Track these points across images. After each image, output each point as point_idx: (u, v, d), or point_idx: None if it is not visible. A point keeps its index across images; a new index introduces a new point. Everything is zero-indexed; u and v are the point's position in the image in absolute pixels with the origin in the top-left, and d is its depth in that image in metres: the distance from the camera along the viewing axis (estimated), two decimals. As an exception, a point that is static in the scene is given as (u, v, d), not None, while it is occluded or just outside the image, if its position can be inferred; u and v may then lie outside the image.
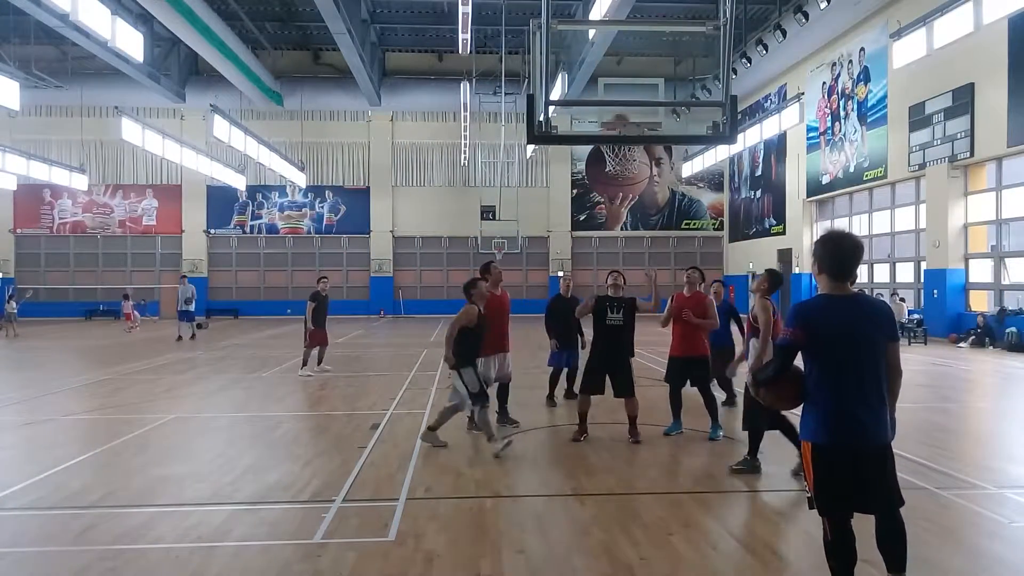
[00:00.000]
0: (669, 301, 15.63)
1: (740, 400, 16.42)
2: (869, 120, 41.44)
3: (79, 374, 24.53)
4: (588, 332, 16.33)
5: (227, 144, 40.55)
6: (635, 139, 52.51)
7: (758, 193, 56.33)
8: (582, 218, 62.58)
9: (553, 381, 18.47)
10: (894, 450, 7.02)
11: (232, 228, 61.43)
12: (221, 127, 38.68)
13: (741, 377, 14.05)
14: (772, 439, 13.60)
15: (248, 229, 61.40)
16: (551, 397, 18.26)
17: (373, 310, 60.68)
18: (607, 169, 62.40)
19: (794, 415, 7.13)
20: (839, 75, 44.28)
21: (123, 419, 16.59)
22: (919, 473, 11.83)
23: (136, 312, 47.84)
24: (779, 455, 12.78)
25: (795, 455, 11.81)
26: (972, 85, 33.89)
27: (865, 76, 41.70)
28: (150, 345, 35.08)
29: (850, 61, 43.02)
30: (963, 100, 34.39)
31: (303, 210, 61.56)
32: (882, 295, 38.53)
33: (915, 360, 27.57)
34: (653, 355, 28.08)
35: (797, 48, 44.02)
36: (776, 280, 13.58)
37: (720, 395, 17.87)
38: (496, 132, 56.25)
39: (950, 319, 35.77)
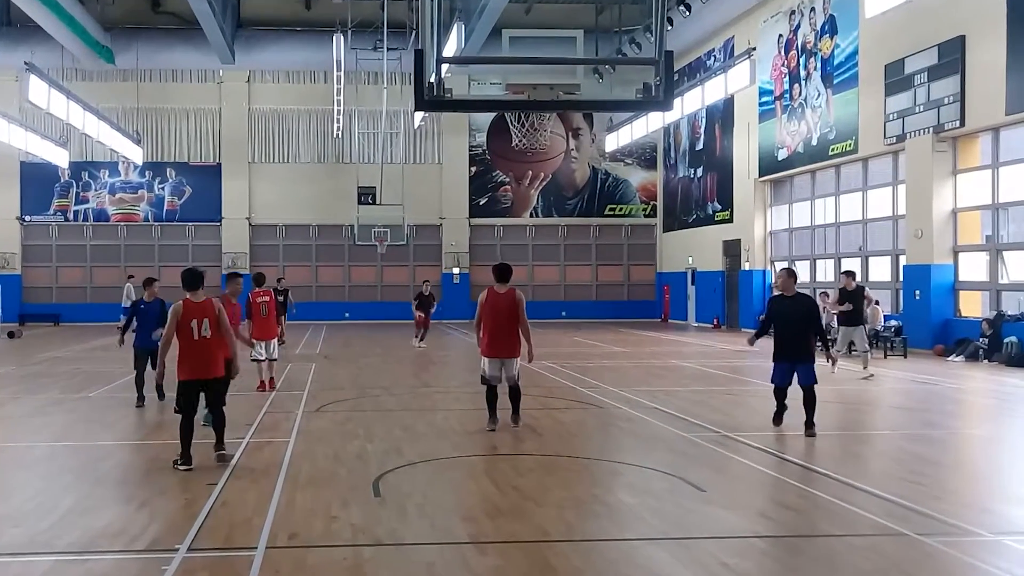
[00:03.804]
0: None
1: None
2: (836, 82, 41.51)
3: None
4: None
5: (45, 111, 40.38)
6: (547, 105, 51.24)
7: (699, 171, 56.76)
8: (482, 202, 63.39)
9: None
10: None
11: (52, 214, 61.04)
12: (38, 90, 38.16)
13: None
14: (721, 475, 14.54)
15: (72, 216, 61.29)
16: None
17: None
18: (513, 142, 63.03)
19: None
20: (799, 26, 44.57)
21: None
22: (896, 516, 11.79)
23: None
24: (731, 494, 13.37)
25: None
26: (963, 39, 33.79)
27: (831, 27, 41.89)
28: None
29: (812, 9, 43.40)
30: (952, 57, 34.21)
31: (139, 192, 61.63)
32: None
33: (893, 377, 27.95)
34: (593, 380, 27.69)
35: (747, -8, 44.33)
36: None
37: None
38: (377, 96, 55.39)
39: (935, 326, 35.89)
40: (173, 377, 15.19)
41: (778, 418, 17.90)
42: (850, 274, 28.61)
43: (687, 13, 44.12)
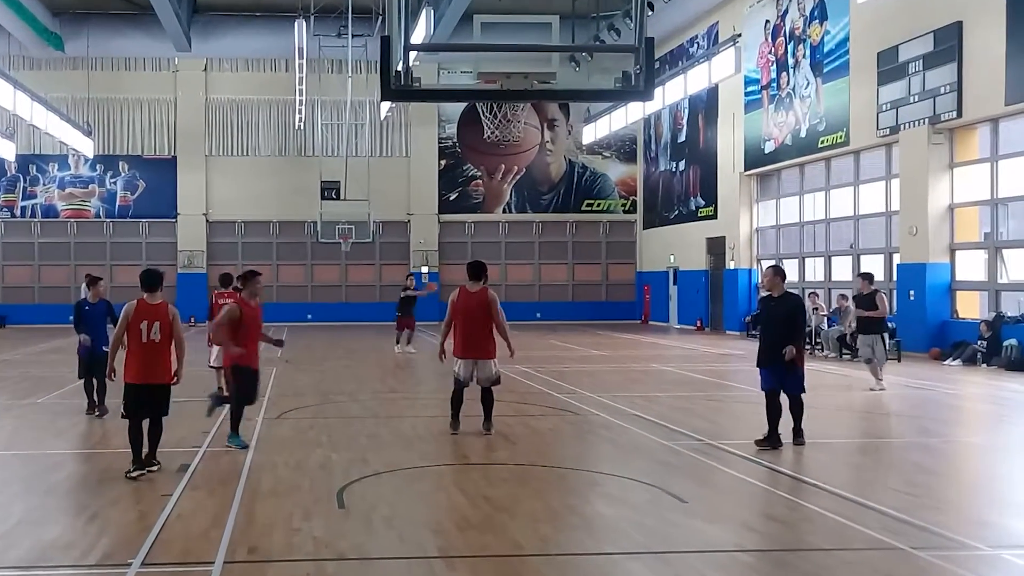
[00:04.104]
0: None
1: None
2: (826, 70, 41.45)
3: None
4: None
5: (-9, 102, 40.41)
6: (521, 95, 51.17)
7: (681, 165, 56.61)
8: (452, 197, 63.21)
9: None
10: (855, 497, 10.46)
11: (-2, 210, 60.87)
12: (-16, 79, 38.46)
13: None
14: (705, 486, 14.49)
15: (19, 212, 60.97)
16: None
17: (182, 316, 58.99)
18: (485, 134, 62.68)
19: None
20: (786, 11, 44.63)
21: None
22: (890, 528, 11.72)
23: None
24: (715, 506, 13.36)
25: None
26: (960, 24, 33.65)
27: (820, 13, 41.88)
28: None
29: (801, -7, 42.60)
30: (948, 44, 34.08)
31: (90, 187, 61.45)
32: (845, 296, 37.87)
33: (887, 382, 27.44)
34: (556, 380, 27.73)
35: (732, -24, 44.18)
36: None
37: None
38: (341, 86, 55.46)
39: (931, 328, 35.81)
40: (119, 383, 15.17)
41: (770, 440, 16.81)
42: (867, 276, 27.47)
43: (669, -3, 43.52)
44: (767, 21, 45.93)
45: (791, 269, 46.16)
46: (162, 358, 14.86)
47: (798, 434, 16.92)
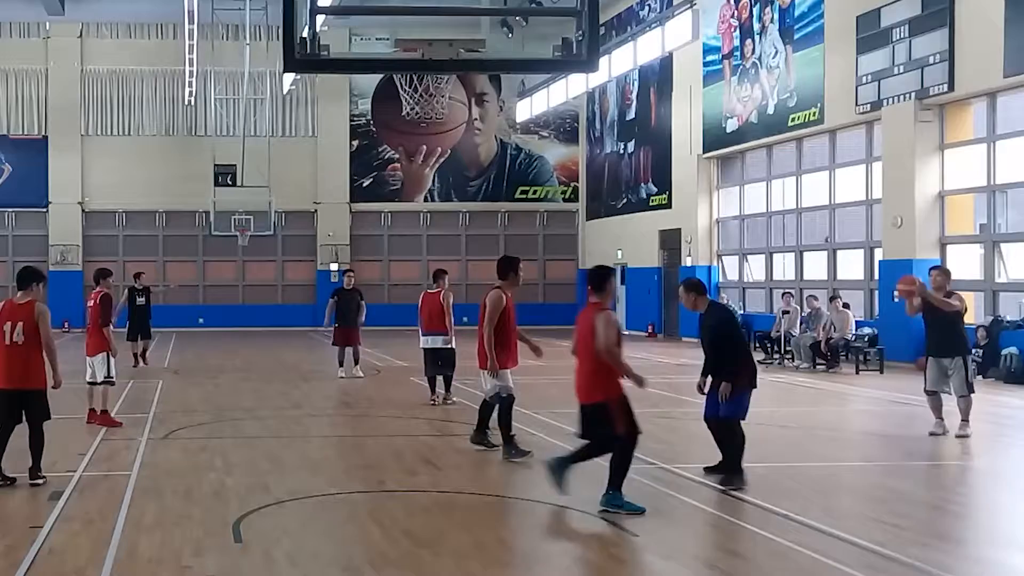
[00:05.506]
0: None
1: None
2: (797, 37, 41.39)
3: None
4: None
5: None
6: (445, 65, 50.67)
7: (630, 146, 56.72)
8: (366, 183, 63.32)
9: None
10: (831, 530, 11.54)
11: None
12: None
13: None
14: (658, 517, 14.41)
15: None
16: None
17: (55, 321, 58.22)
18: (404, 111, 62.88)
19: None
20: None
21: None
22: (872, 566, 11.75)
23: None
24: (670, 540, 13.44)
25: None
26: None
27: None
28: None
29: (767, -52, 42.60)
30: (938, 7, 33.91)
31: None
32: (816, 297, 37.87)
33: (866, 397, 28.54)
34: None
35: (688, -72, 44.52)
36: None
37: None
38: (238, 55, 55.47)
39: (918, 335, 34.42)
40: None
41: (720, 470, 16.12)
42: (942, 271, 22.30)
43: (616, -47, 43.59)
44: (729, -20, 45.86)
45: (757, 266, 45.98)
46: (31, 361, 15.36)
47: (724, 473, 15.90)
